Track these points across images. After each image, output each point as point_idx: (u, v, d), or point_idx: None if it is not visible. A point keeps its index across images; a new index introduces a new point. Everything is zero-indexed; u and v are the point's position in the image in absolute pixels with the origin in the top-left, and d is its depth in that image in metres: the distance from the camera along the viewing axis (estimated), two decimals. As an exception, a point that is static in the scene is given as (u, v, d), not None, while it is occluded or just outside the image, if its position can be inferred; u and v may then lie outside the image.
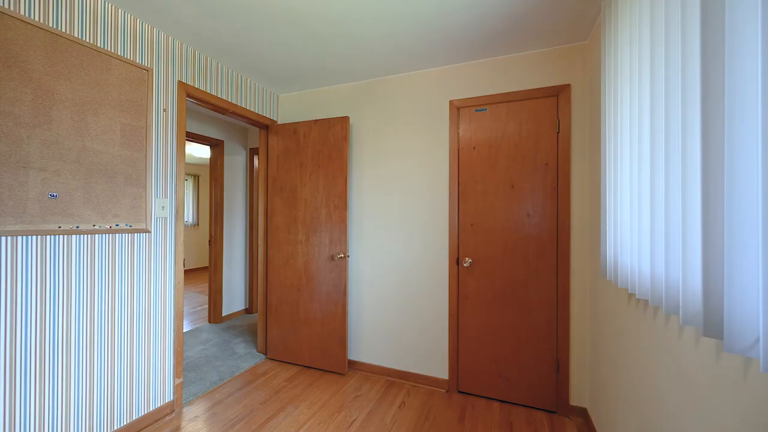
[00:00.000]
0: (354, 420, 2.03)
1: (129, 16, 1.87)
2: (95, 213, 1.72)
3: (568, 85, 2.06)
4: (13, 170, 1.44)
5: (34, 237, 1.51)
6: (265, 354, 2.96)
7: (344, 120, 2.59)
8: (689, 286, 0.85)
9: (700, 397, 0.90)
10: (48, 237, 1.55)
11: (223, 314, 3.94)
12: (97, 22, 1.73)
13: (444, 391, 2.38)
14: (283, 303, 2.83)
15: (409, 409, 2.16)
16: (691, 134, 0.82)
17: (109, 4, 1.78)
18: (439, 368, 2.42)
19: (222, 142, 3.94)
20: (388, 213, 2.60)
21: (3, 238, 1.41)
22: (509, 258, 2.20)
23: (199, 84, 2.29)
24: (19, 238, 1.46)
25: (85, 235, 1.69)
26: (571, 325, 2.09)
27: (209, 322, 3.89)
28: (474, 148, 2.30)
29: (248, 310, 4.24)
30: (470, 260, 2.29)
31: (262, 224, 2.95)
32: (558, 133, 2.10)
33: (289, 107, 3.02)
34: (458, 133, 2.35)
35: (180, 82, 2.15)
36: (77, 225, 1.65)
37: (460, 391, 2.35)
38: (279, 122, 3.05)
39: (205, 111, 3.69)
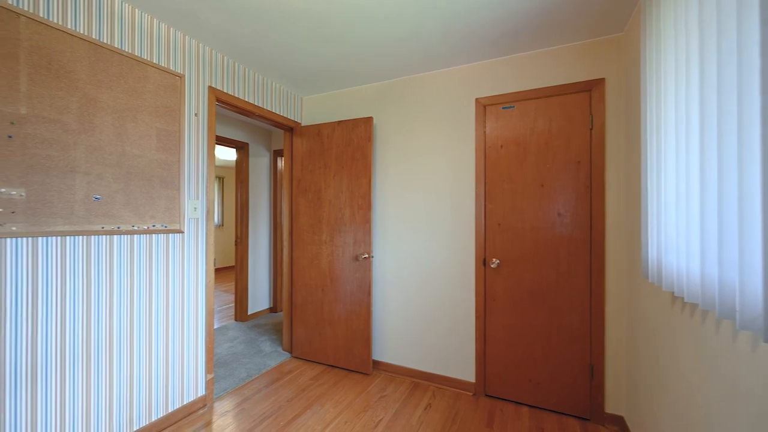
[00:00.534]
0: (380, 420, 2.03)
1: (163, 25, 1.95)
2: (134, 214, 1.80)
3: (603, 79, 1.98)
4: (62, 174, 1.53)
5: (81, 237, 1.59)
6: (291, 352, 3.01)
7: (368, 120, 2.60)
8: (747, 287, 0.79)
9: (759, 408, 0.83)
10: (93, 237, 1.64)
11: (249, 313, 4.04)
12: (135, 32, 1.81)
13: (471, 394, 2.34)
14: (307, 302, 2.87)
15: (436, 411, 2.13)
16: (748, 124, 0.76)
17: (146, 15, 1.86)
18: (465, 371, 2.38)
19: (247, 144, 4.05)
20: (412, 213, 2.58)
21: (54, 238, 1.50)
22: (539, 259, 2.14)
23: (227, 88, 2.36)
24: (68, 238, 1.55)
25: (125, 236, 1.77)
26: (606, 329, 2.00)
27: (235, 320, 4.00)
28: (501, 146, 2.25)
29: (272, 309, 4.33)
30: (498, 261, 2.24)
31: (287, 225, 3.01)
32: (591, 129, 2.02)
33: (312, 109, 3.06)
34: (485, 132, 2.31)
35: (210, 87, 2.22)
36: (118, 226, 1.73)
37: (487, 395, 2.30)
38: (303, 124, 3.10)
39: (231, 114, 3.80)
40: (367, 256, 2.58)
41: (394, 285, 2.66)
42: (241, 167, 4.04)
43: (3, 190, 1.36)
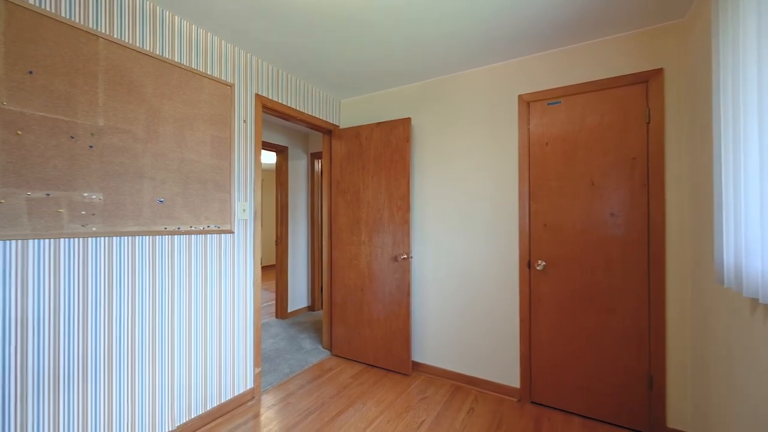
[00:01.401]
0: (423, 421, 2.02)
1: (216, 38, 2.07)
2: (191, 216, 1.93)
3: (661, 69, 1.84)
4: (132, 179, 1.67)
5: (147, 237, 1.73)
6: (330, 350, 3.08)
7: (406, 121, 2.61)
8: None
9: None
10: (157, 237, 1.78)
11: (289, 310, 4.19)
12: (192, 46, 1.94)
13: (515, 400, 2.27)
14: (347, 302, 2.92)
15: (479, 415, 2.09)
16: None
17: (202, 30, 1.99)
18: (509, 375, 2.31)
19: (286, 148, 4.20)
20: (452, 214, 2.55)
21: (126, 238, 1.65)
22: (589, 261, 2.03)
23: (272, 95, 2.47)
24: (137, 238, 1.69)
25: (184, 236, 1.90)
26: (668, 336, 1.86)
27: (276, 317, 4.16)
28: (546, 143, 2.16)
29: (310, 308, 4.45)
30: (544, 263, 2.16)
31: (326, 225, 3.08)
32: (648, 123, 1.89)
33: (350, 112, 3.12)
34: (528, 129, 2.23)
35: (257, 95, 2.33)
36: (178, 226, 1.86)
37: (533, 402, 2.22)
38: (341, 127, 3.17)
39: (271, 119, 3.96)
40: (406, 256, 2.59)
41: (433, 286, 2.64)
42: (281, 170, 4.20)
43: (86, 194, 1.51)
